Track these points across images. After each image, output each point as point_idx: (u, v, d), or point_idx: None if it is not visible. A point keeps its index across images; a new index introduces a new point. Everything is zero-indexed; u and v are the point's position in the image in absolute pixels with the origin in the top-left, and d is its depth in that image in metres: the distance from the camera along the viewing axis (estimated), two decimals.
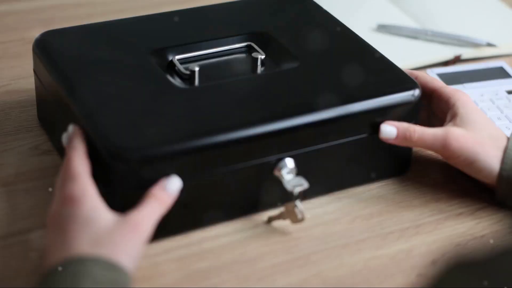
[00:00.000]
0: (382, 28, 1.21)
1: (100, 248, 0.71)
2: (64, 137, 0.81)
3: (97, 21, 1.00)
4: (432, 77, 0.94)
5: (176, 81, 0.89)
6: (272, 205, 0.86)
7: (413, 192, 0.91)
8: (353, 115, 0.87)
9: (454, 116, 0.88)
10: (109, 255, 0.71)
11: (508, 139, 0.87)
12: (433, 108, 0.93)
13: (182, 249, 0.81)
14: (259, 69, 0.93)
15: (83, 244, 0.71)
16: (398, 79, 0.91)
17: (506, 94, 1.06)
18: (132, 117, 0.83)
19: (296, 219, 0.84)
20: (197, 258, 0.80)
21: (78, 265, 0.69)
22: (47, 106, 0.95)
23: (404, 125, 0.87)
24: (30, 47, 0.96)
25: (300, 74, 0.91)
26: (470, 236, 0.86)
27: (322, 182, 0.88)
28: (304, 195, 0.84)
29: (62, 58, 0.91)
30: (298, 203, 0.83)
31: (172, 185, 0.78)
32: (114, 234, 0.72)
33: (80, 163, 0.77)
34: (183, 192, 0.80)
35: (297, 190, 0.83)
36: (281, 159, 0.84)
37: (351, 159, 0.89)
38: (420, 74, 0.93)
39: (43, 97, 0.95)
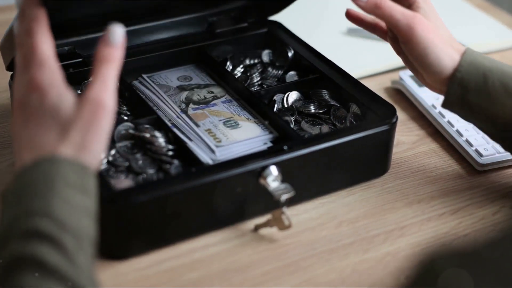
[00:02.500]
0: (353, 32, 1.22)
1: (70, 135, 0.69)
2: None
3: None
4: None
5: None
6: (258, 213, 0.86)
7: (395, 194, 0.92)
8: None
9: (416, 11, 0.88)
10: (80, 141, 0.69)
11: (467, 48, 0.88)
12: None
13: (172, 261, 0.81)
14: None
15: (53, 136, 0.69)
16: None
17: None
18: None
19: (283, 226, 0.84)
20: (188, 268, 0.80)
21: (50, 165, 0.67)
22: None
23: None
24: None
25: None
26: (454, 236, 0.87)
27: (306, 188, 0.88)
28: (289, 202, 0.85)
29: None
30: (285, 210, 0.83)
31: (115, 36, 0.73)
32: (80, 118, 0.69)
33: (47, 44, 0.72)
34: (170, 204, 0.80)
35: (284, 197, 0.83)
36: (266, 167, 0.84)
37: (333, 164, 0.90)
38: None
39: None
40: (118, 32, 0.73)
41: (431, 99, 1.06)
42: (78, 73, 0.99)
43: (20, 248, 0.63)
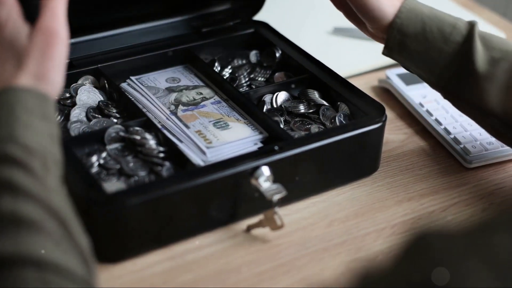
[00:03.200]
0: (338, 31, 1.23)
1: (26, 66, 0.71)
2: None
3: None
4: None
5: None
6: (250, 214, 0.87)
7: (385, 192, 0.93)
8: None
9: None
10: (36, 70, 0.71)
11: None
12: None
13: (166, 262, 0.81)
14: None
15: (10, 67, 0.72)
16: None
17: None
18: None
19: (275, 226, 0.84)
20: (182, 270, 0.81)
21: (10, 95, 0.69)
22: None
23: None
24: None
25: None
26: None
27: (297, 188, 0.89)
28: (280, 202, 0.85)
29: None
30: (277, 210, 0.84)
31: None
32: (34, 48, 0.72)
33: None
34: (163, 206, 0.80)
35: (276, 197, 0.83)
36: (257, 167, 0.84)
37: (323, 163, 0.90)
38: None
39: None
40: None
41: (418, 97, 1.07)
42: (66, 76, 0.98)
43: None
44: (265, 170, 0.84)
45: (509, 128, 0.88)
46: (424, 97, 1.07)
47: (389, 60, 1.16)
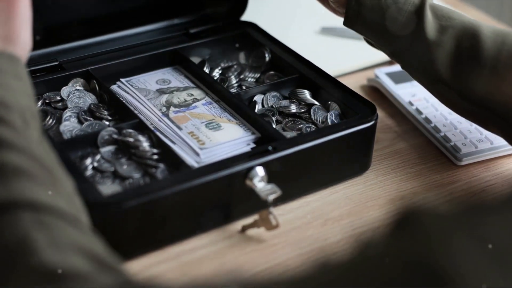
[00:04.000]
0: (326, 31, 1.23)
1: None
2: None
3: None
4: None
5: None
6: (245, 214, 0.87)
7: (377, 191, 0.93)
8: None
9: None
10: (3, 33, 0.73)
11: None
12: None
13: (162, 265, 0.81)
14: None
15: None
16: None
17: None
18: None
19: (270, 226, 0.85)
20: (178, 272, 0.81)
21: None
22: None
23: None
24: None
25: None
26: None
27: (290, 187, 0.89)
28: (274, 202, 0.85)
29: None
30: (272, 210, 0.84)
31: None
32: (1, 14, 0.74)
33: None
34: (159, 207, 0.80)
35: (271, 197, 0.83)
36: (252, 168, 0.84)
37: (316, 163, 0.90)
38: None
39: None
40: None
41: (407, 96, 1.07)
42: (56, 79, 0.99)
43: None
44: (260, 171, 0.85)
45: (456, 94, 0.91)
46: (413, 96, 1.07)
47: (378, 59, 1.17)
